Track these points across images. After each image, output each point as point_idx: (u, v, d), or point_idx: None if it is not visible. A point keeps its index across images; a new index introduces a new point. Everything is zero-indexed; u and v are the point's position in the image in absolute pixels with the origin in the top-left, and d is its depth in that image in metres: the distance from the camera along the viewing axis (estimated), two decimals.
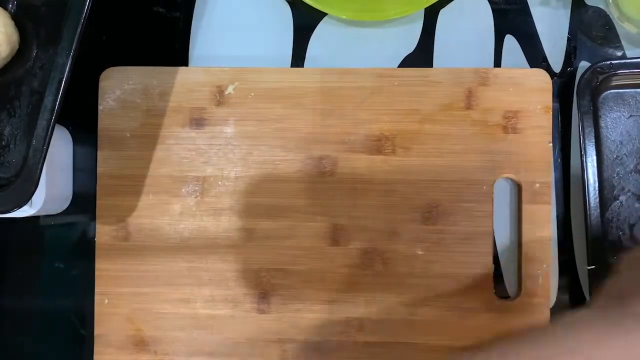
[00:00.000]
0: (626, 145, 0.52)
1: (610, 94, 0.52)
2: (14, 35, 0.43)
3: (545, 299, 0.50)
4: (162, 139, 0.53)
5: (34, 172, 0.41)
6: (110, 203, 0.53)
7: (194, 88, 0.53)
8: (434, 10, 0.54)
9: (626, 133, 0.52)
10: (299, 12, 0.54)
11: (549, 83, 0.51)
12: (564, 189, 0.53)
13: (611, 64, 0.50)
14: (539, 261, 0.51)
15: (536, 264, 0.51)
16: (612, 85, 0.52)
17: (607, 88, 0.52)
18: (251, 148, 0.53)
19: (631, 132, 0.52)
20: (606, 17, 0.53)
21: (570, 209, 0.52)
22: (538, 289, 0.50)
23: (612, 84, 0.51)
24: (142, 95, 0.53)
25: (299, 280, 0.52)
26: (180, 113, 0.53)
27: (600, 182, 0.51)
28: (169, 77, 0.53)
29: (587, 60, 0.53)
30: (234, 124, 0.53)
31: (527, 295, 0.50)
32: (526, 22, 0.54)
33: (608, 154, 0.52)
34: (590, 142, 0.50)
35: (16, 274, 0.55)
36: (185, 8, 0.55)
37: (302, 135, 0.52)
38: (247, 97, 0.53)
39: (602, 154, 0.51)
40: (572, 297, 0.52)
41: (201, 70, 0.53)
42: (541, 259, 0.51)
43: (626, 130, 0.52)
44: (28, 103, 0.43)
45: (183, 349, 0.52)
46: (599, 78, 0.50)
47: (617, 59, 0.51)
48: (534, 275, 0.51)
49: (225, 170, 0.53)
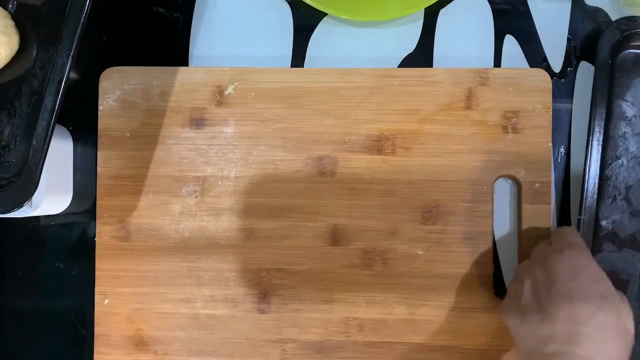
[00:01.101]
0: (638, 106, 0.52)
1: (630, 53, 0.51)
2: (14, 35, 0.43)
3: None
4: (162, 139, 0.53)
5: (34, 172, 0.41)
6: (110, 203, 0.53)
7: (194, 88, 0.53)
8: (434, 10, 0.54)
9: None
10: (299, 12, 0.54)
11: (549, 83, 0.51)
12: (564, 188, 0.52)
13: (637, 21, 0.50)
14: None
15: None
16: (632, 44, 0.51)
17: (627, 47, 0.51)
18: (251, 148, 0.53)
19: None
20: (606, 16, 0.53)
21: (570, 209, 0.52)
22: None
23: (632, 43, 0.51)
24: (142, 95, 0.53)
25: (299, 280, 0.52)
26: (180, 113, 0.53)
27: (605, 140, 0.51)
28: (169, 77, 0.53)
29: (587, 60, 0.53)
30: (234, 124, 0.53)
31: None
32: (526, 22, 0.54)
33: (618, 113, 0.51)
34: (602, 99, 0.50)
35: (16, 274, 0.55)
36: (185, 8, 0.55)
37: (302, 135, 0.52)
38: (247, 97, 0.53)
39: (612, 113, 0.51)
40: None
41: (201, 70, 0.53)
42: None
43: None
44: (28, 103, 0.43)
45: (183, 349, 0.52)
46: (620, 35, 0.50)
47: None
48: None
49: (225, 170, 0.53)
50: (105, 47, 0.55)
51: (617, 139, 0.51)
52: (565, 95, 0.53)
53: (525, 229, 0.51)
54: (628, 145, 0.51)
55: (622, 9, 0.53)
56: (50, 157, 0.42)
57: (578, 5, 0.53)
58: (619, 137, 0.51)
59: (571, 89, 0.53)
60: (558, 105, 0.53)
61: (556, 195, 0.52)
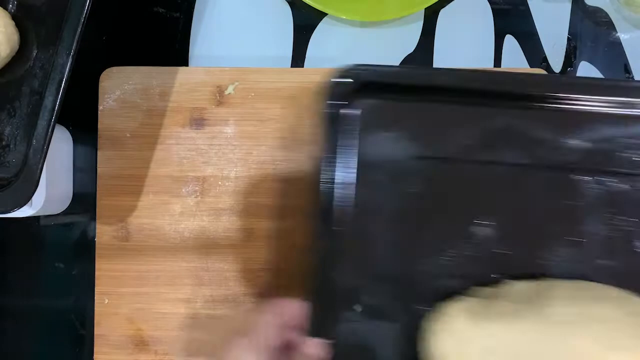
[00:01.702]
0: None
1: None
2: (14, 35, 0.43)
3: None
4: (162, 139, 0.53)
5: (34, 172, 0.41)
6: (110, 203, 0.53)
7: (194, 88, 0.53)
8: (434, 10, 0.54)
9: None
10: (299, 12, 0.54)
11: None
12: None
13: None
14: None
15: None
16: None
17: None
18: (251, 148, 0.53)
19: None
20: (606, 16, 0.53)
21: None
22: None
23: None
24: (142, 95, 0.53)
25: (299, 281, 0.52)
26: (180, 113, 0.53)
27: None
28: (169, 77, 0.53)
29: (587, 60, 0.53)
30: (234, 123, 0.53)
31: None
32: (526, 22, 0.54)
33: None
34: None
35: (16, 274, 0.55)
36: (185, 8, 0.55)
37: (302, 135, 0.52)
38: (247, 97, 0.53)
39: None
40: None
41: (201, 71, 0.53)
42: None
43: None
44: (28, 103, 0.43)
45: (183, 349, 0.52)
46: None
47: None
48: None
49: (225, 170, 0.53)
50: (105, 47, 0.55)
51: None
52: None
53: None
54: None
55: (622, 9, 0.53)
56: (50, 157, 0.42)
57: (578, 5, 0.54)
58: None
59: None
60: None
61: None
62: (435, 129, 0.42)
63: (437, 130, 0.42)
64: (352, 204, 0.42)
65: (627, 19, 0.53)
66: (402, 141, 0.42)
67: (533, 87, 0.42)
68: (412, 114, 0.42)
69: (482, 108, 0.42)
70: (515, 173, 0.42)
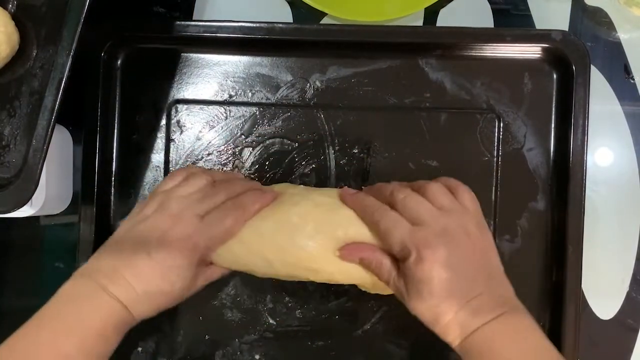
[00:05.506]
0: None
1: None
2: (14, 35, 0.42)
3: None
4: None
5: (34, 172, 0.41)
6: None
7: None
8: (434, 10, 0.54)
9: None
10: (299, 12, 0.54)
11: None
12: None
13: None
14: None
15: None
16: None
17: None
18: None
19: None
20: (606, 16, 0.53)
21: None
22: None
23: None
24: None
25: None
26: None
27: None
28: None
29: None
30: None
31: None
32: (526, 22, 0.54)
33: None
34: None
35: (16, 274, 0.55)
36: (185, 8, 0.55)
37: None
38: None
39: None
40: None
41: None
42: None
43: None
44: (28, 103, 0.43)
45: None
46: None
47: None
48: None
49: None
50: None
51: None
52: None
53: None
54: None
55: (622, 9, 0.53)
56: (50, 157, 0.42)
57: (578, 5, 0.53)
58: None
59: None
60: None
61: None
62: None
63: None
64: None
65: (627, 19, 0.53)
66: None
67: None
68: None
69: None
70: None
